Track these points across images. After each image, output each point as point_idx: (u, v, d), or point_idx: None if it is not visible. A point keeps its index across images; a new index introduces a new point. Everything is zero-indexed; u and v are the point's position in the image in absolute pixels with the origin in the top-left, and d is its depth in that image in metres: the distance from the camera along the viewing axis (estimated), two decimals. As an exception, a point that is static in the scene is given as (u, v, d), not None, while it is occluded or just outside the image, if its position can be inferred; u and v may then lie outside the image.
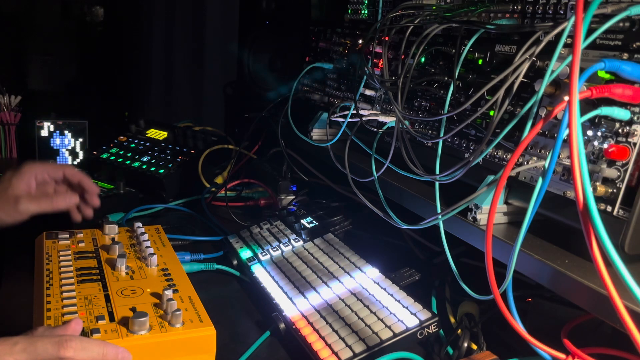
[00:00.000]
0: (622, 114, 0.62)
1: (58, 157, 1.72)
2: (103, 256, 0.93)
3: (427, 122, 0.95)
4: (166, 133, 1.66)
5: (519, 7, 0.79)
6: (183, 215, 1.39)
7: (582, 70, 0.56)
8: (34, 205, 0.98)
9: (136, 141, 1.65)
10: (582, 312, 0.69)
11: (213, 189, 1.47)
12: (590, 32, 0.60)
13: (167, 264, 0.93)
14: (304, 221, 1.17)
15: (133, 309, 0.77)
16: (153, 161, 1.53)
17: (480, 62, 0.84)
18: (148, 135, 1.68)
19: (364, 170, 1.01)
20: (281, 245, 1.11)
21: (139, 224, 1.05)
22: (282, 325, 0.88)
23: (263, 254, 1.09)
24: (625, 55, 0.63)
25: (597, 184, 0.63)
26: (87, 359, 0.65)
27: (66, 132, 1.73)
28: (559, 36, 0.64)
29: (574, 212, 0.63)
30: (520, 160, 0.75)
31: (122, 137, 1.69)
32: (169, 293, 0.79)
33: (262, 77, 1.70)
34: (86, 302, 0.78)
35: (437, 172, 0.83)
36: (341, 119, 1.08)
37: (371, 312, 0.87)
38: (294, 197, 1.38)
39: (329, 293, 0.94)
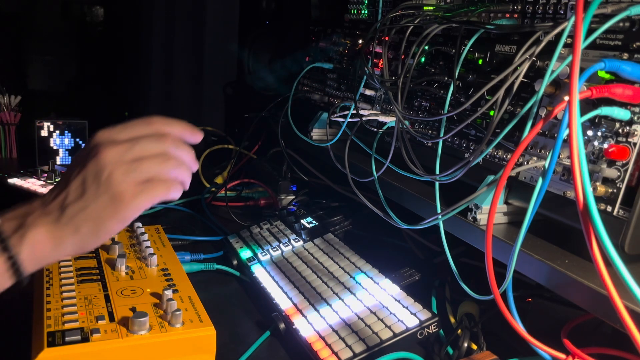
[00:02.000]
0: (622, 114, 0.62)
1: (58, 157, 1.73)
2: (103, 256, 0.93)
3: (427, 122, 0.95)
4: (166, 133, 1.66)
5: (519, 7, 0.79)
6: (183, 215, 1.39)
7: (582, 70, 0.56)
8: None
9: (136, 141, 1.65)
10: (582, 312, 0.69)
11: (213, 189, 1.47)
12: (590, 32, 0.60)
13: (167, 264, 0.93)
14: (304, 221, 1.17)
15: (133, 309, 0.77)
16: (153, 161, 1.53)
17: (480, 62, 0.84)
18: (148, 135, 1.68)
19: (364, 170, 1.01)
20: (281, 245, 1.11)
21: (139, 224, 1.05)
22: (282, 325, 0.88)
23: (263, 254, 1.09)
24: (625, 55, 0.63)
25: (597, 184, 0.63)
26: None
27: (66, 132, 1.73)
28: (559, 36, 0.64)
29: (574, 212, 0.63)
30: (520, 160, 0.75)
31: (122, 137, 1.68)
32: (169, 293, 0.80)
33: (262, 77, 1.70)
34: (86, 302, 0.78)
35: (437, 172, 0.83)
36: (341, 119, 1.08)
37: (371, 312, 0.87)
38: (294, 197, 1.38)
39: (329, 293, 0.94)
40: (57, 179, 1.46)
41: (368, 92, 1.12)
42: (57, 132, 1.72)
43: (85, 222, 0.58)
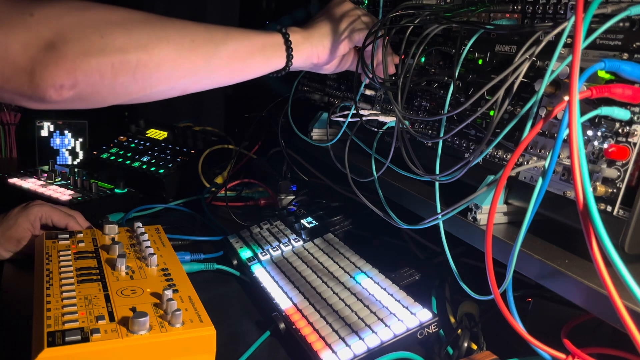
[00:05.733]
0: (622, 114, 0.62)
1: (58, 157, 1.73)
2: (103, 256, 0.93)
3: (427, 122, 0.95)
4: (166, 133, 1.66)
5: (519, 7, 0.79)
6: (183, 215, 1.39)
7: (582, 70, 0.56)
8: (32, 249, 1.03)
9: (136, 141, 1.65)
10: (582, 312, 0.69)
11: (213, 189, 1.47)
12: (590, 32, 0.60)
13: (167, 264, 0.93)
14: (304, 221, 1.17)
15: (133, 309, 0.77)
16: (153, 161, 1.53)
17: (480, 62, 0.84)
18: (148, 135, 1.68)
19: (364, 170, 1.01)
20: (281, 245, 1.11)
21: (139, 224, 1.05)
22: (282, 325, 0.88)
23: (263, 254, 1.09)
24: (625, 55, 0.63)
25: (597, 184, 0.63)
26: None
27: (66, 132, 1.73)
28: (559, 36, 0.64)
29: (574, 212, 0.63)
30: (520, 160, 0.75)
31: (122, 137, 1.69)
32: (169, 293, 0.79)
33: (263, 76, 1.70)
34: (86, 302, 0.78)
35: (437, 172, 0.83)
36: (341, 119, 1.08)
37: (371, 312, 0.87)
38: (294, 197, 1.38)
39: (329, 293, 0.94)
40: (57, 179, 1.46)
41: (368, 92, 1.12)
42: (57, 132, 1.72)
43: (320, 30, 0.95)
